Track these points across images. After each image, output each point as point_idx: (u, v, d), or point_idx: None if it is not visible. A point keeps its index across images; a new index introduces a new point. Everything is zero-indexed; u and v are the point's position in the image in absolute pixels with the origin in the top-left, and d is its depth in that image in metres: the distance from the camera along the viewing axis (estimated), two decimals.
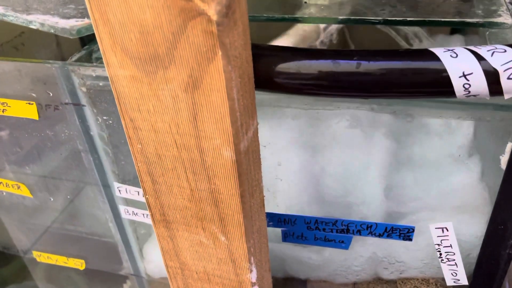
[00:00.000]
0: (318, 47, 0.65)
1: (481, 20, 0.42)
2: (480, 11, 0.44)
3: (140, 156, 0.36)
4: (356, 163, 0.56)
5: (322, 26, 0.66)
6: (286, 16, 0.49)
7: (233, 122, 0.32)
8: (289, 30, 0.65)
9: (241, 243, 0.39)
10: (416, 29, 0.70)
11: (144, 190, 0.39)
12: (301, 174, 0.54)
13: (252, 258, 0.40)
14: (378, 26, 0.65)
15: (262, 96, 0.39)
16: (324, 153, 0.57)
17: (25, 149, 0.54)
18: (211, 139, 0.33)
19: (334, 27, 0.67)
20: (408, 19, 0.44)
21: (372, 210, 0.51)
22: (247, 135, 0.34)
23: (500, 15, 0.43)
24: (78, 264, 0.65)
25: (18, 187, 0.58)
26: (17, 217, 0.64)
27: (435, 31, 0.74)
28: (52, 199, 0.59)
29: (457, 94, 0.32)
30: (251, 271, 0.41)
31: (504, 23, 0.42)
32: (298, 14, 0.49)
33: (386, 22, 0.45)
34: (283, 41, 0.64)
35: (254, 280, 0.42)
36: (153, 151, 0.35)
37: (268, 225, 0.49)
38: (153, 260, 0.61)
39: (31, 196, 0.59)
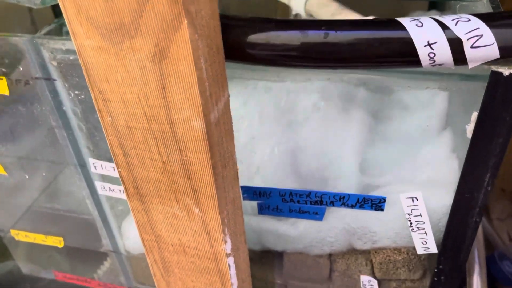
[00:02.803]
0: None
1: None
2: None
3: (110, 129, 0.36)
4: (330, 137, 0.56)
5: None
6: None
7: (202, 92, 0.32)
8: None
9: (214, 214, 0.39)
10: None
11: (116, 163, 0.39)
12: (275, 149, 0.54)
13: (226, 229, 0.41)
14: None
15: (233, 70, 0.39)
16: (298, 127, 0.57)
17: None
18: (180, 110, 0.33)
19: None
20: None
21: (346, 184, 0.52)
22: (217, 106, 0.34)
23: None
24: (57, 241, 0.65)
25: None
26: None
27: (414, 8, 0.74)
28: (27, 177, 0.58)
29: (422, 63, 0.32)
30: (225, 242, 0.42)
31: None
32: None
33: None
34: None
35: (228, 251, 0.43)
36: (124, 123, 0.35)
37: (244, 198, 0.50)
38: (131, 236, 0.61)
39: (5, 173, 0.58)
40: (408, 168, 0.51)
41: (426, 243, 0.46)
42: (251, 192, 0.49)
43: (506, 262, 0.83)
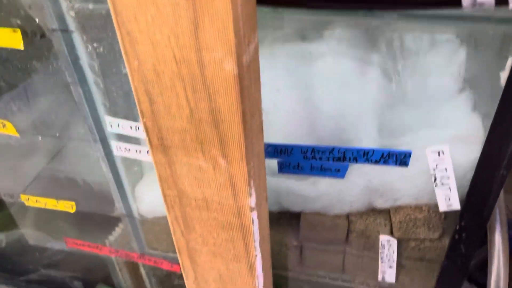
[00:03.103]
0: None
1: None
2: None
3: (137, 74, 0.35)
4: (349, 98, 0.55)
5: None
6: None
7: (236, 31, 0.30)
8: None
9: (241, 165, 0.39)
10: None
11: (141, 112, 0.38)
12: (296, 109, 0.54)
13: (252, 181, 0.40)
14: None
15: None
16: (316, 91, 0.56)
17: (9, 83, 0.52)
18: (212, 51, 0.32)
19: None
20: None
21: (366, 145, 0.51)
22: (249, 48, 0.33)
23: None
24: (69, 206, 0.64)
25: (4, 126, 0.56)
26: (3, 159, 0.63)
27: None
28: (40, 138, 0.57)
29: (463, 2, 0.31)
30: (250, 195, 0.41)
31: None
32: None
33: None
34: None
35: (253, 205, 0.42)
36: (151, 67, 0.34)
37: (265, 157, 0.49)
38: (145, 200, 0.61)
39: (17, 135, 0.57)
40: (431, 126, 0.51)
41: (450, 200, 0.46)
42: (271, 149, 0.48)
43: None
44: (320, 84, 0.56)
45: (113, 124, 0.51)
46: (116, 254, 0.70)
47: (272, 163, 0.51)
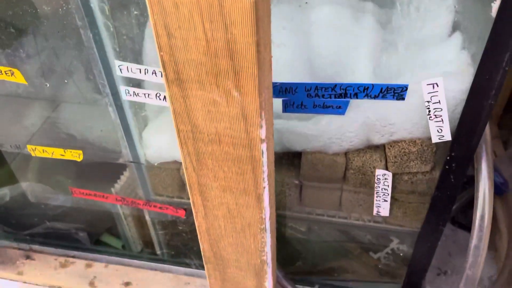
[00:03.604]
0: None
1: None
2: None
3: (156, 8, 0.37)
4: (345, 44, 0.58)
5: None
6: None
7: None
8: None
9: (253, 97, 0.41)
10: None
11: (159, 46, 0.40)
12: (295, 55, 0.56)
13: (263, 113, 0.43)
14: None
15: None
16: (314, 38, 0.59)
17: (18, 29, 0.53)
18: None
19: None
20: None
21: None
22: None
23: None
24: (76, 155, 0.66)
25: (12, 74, 0.57)
26: (11, 109, 0.64)
27: None
28: (48, 85, 0.58)
29: None
30: (261, 127, 0.44)
31: None
32: None
33: None
34: None
35: (263, 136, 0.45)
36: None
37: None
38: (152, 145, 0.63)
39: (25, 83, 0.58)
40: (424, 67, 0.54)
41: (442, 131, 0.50)
42: (277, 88, 0.51)
43: (495, 173, 0.89)
44: (317, 31, 0.59)
45: (122, 69, 0.53)
46: (122, 202, 0.73)
47: (276, 106, 0.54)
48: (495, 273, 0.87)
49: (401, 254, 0.70)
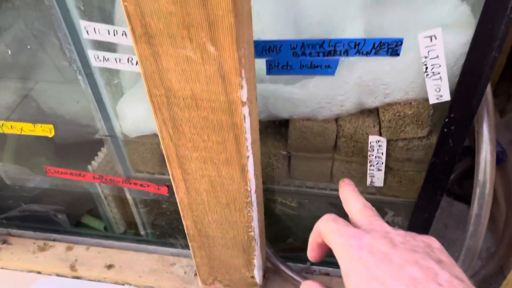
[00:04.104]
0: None
1: None
2: None
3: None
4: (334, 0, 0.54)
5: None
6: None
7: None
8: None
9: (231, 52, 0.37)
10: None
11: None
12: (280, 10, 0.52)
13: (243, 71, 0.39)
14: None
15: None
16: None
17: None
18: None
19: None
20: None
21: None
22: None
23: None
24: (47, 130, 0.62)
25: None
26: None
27: None
28: (10, 52, 0.53)
29: None
30: (242, 87, 0.40)
31: None
32: None
33: None
34: None
35: (244, 99, 0.41)
36: None
37: None
38: (128, 116, 0.59)
39: None
40: (419, 20, 0.50)
41: (440, 90, 0.46)
42: (260, 47, 0.46)
43: None
44: None
45: (89, 30, 0.48)
46: (100, 180, 0.68)
47: (259, 69, 0.50)
48: (492, 244, 0.84)
49: (396, 227, 0.66)
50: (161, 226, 0.76)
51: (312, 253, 0.41)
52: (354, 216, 0.39)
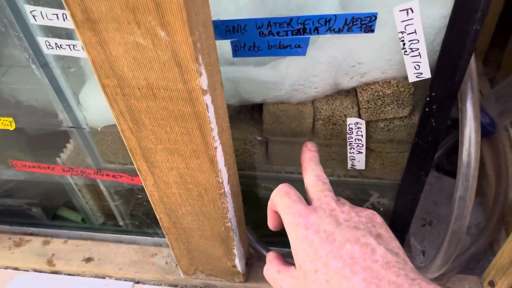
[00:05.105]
0: None
1: None
2: None
3: None
4: None
5: None
6: None
7: None
8: None
9: (184, 36, 0.33)
10: None
11: None
12: None
13: (200, 57, 0.35)
14: None
15: None
16: None
17: None
18: None
19: None
20: None
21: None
22: None
23: None
24: (7, 123, 0.58)
25: None
26: None
27: None
28: None
29: None
30: (200, 74, 0.36)
31: None
32: None
33: None
34: None
35: (205, 86, 0.37)
36: None
37: (215, 38, 0.43)
38: (91, 106, 0.55)
39: None
40: None
41: (419, 68, 0.42)
42: (223, 28, 0.42)
43: (481, 113, 0.83)
44: None
45: (36, 16, 0.43)
46: (71, 172, 0.65)
47: (226, 51, 0.46)
48: (482, 220, 0.82)
49: (381, 209, 0.64)
50: (139, 216, 0.73)
51: (271, 221, 0.44)
52: (308, 187, 0.42)
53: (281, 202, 0.39)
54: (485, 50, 1.09)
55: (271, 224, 0.44)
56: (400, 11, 0.39)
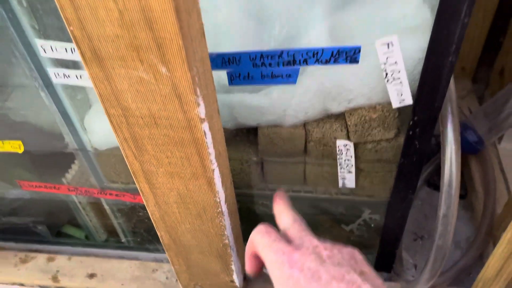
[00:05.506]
0: None
1: None
2: None
3: None
4: (296, 4, 0.53)
5: None
6: None
7: None
8: None
9: (183, 72, 0.36)
10: None
11: (66, 20, 0.34)
12: (241, 13, 0.51)
13: (198, 90, 0.38)
14: None
15: None
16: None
17: None
18: None
19: None
20: None
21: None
22: None
23: None
24: (16, 146, 0.61)
25: None
26: None
27: None
28: None
29: None
30: (198, 104, 0.39)
31: None
32: None
33: None
34: None
35: (202, 115, 0.40)
36: None
37: (213, 68, 0.47)
38: (96, 130, 0.58)
39: None
40: (379, 25, 0.49)
41: (402, 95, 0.46)
42: (219, 60, 0.46)
43: (469, 131, 0.86)
44: None
45: (46, 48, 0.47)
46: (76, 192, 0.68)
47: (224, 79, 0.49)
48: (472, 234, 0.85)
49: (372, 225, 0.67)
50: (141, 233, 0.76)
51: (249, 266, 0.43)
52: (286, 230, 0.41)
53: (262, 241, 0.39)
54: (474, 68, 1.13)
55: (250, 268, 0.43)
56: (381, 44, 0.42)
